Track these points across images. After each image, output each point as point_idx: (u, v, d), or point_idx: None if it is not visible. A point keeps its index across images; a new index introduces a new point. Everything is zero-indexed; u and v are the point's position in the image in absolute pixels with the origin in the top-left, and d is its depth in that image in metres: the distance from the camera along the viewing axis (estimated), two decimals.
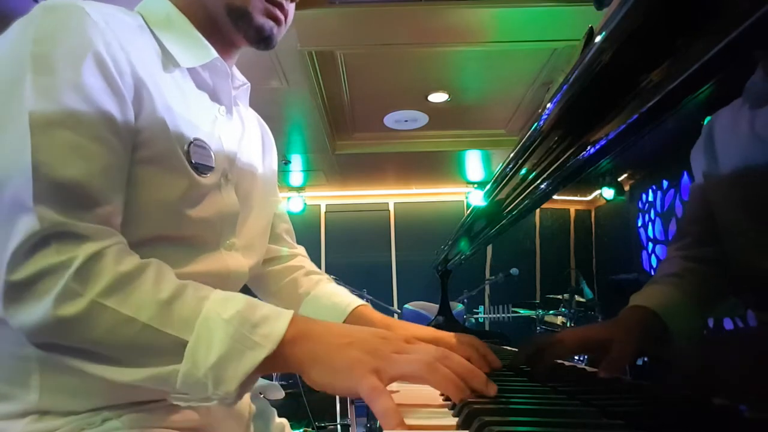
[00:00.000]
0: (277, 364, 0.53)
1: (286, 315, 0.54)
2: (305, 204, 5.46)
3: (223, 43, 0.74)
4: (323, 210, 5.77)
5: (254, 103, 0.90)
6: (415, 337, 0.78)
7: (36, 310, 0.50)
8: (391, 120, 4.03)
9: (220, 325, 0.52)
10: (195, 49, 0.70)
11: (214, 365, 0.50)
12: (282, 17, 0.74)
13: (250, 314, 0.53)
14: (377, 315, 0.88)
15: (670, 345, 0.48)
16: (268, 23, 0.72)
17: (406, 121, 4.05)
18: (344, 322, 0.87)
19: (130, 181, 0.60)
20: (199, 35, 0.71)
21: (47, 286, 0.50)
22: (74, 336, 0.52)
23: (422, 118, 4.01)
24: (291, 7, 0.76)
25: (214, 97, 0.75)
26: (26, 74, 0.53)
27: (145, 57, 0.63)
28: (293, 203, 5.36)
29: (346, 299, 0.90)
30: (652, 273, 0.52)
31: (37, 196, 0.51)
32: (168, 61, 0.67)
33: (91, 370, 0.53)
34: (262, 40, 0.73)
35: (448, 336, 0.80)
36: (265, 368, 0.52)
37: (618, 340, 0.57)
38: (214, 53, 0.71)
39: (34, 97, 0.52)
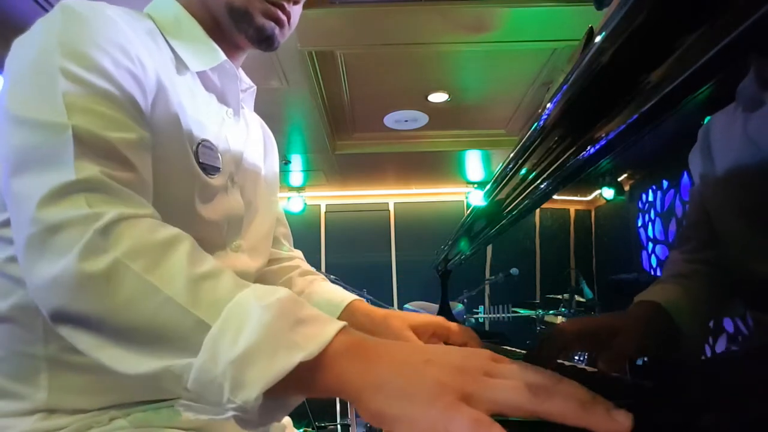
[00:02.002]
0: (319, 380, 0.40)
1: (338, 322, 0.43)
2: (305, 204, 5.46)
3: (228, 46, 0.75)
4: (323, 210, 5.77)
5: (254, 103, 0.90)
6: (413, 324, 0.76)
7: (57, 263, 0.45)
8: (391, 120, 4.03)
9: (255, 312, 0.41)
10: (204, 53, 0.71)
11: (236, 360, 0.39)
12: (284, 18, 0.74)
13: (294, 308, 0.43)
14: (373, 308, 0.85)
15: (675, 342, 0.48)
16: (269, 24, 0.72)
17: (406, 121, 4.04)
18: (339, 317, 0.84)
19: None
20: (208, 38, 0.72)
21: (72, 237, 0.45)
22: (92, 297, 0.44)
23: (422, 118, 4.01)
24: (294, 10, 0.76)
25: (222, 99, 0.76)
26: (54, 62, 0.53)
27: (160, 59, 0.64)
28: (293, 203, 5.36)
29: (341, 295, 0.88)
30: (652, 273, 0.52)
31: (79, 151, 0.48)
32: (179, 64, 0.68)
33: (99, 354, 0.45)
34: (264, 41, 0.73)
35: (445, 321, 0.78)
36: (300, 382, 0.40)
37: (624, 331, 0.56)
38: (222, 56, 0.72)
39: (67, 81, 0.52)
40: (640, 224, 0.53)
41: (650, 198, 0.51)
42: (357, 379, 0.40)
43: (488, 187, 0.94)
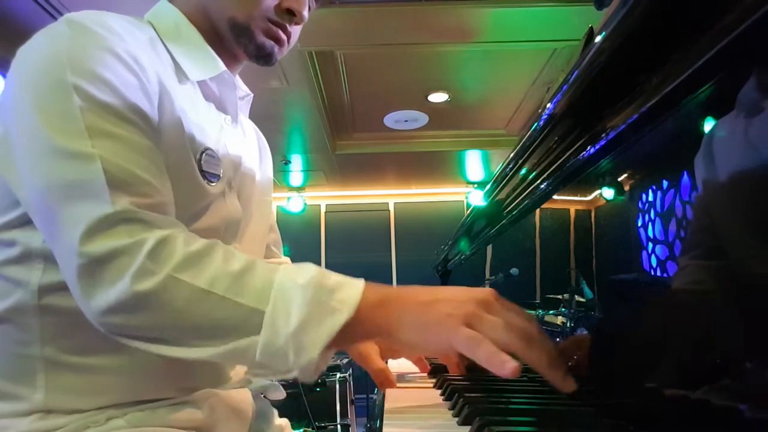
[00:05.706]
0: (358, 330, 0.52)
1: (360, 282, 0.54)
2: (305, 204, 5.45)
3: (227, 56, 0.75)
4: (323, 210, 5.77)
5: (254, 103, 0.90)
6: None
7: (114, 289, 0.51)
8: (391, 120, 4.03)
9: (297, 291, 0.51)
10: (204, 62, 0.71)
11: (294, 332, 0.50)
12: (284, 38, 0.75)
13: (324, 280, 0.53)
14: None
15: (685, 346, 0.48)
16: (269, 42, 0.73)
17: (406, 121, 4.04)
18: None
19: None
20: (208, 48, 0.72)
21: (122, 264, 0.51)
22: (151, 312, 0.51)
23: (422, 118, 4.01)
24: (295, 29, 0.76)
25: (221, 107, 0.77)
26: (67, 80, 0.54)
27: (162, 68, 0.65)
28: (293, 203, 5.36)
29: None
30: (652, 273, 0.52)
31: (110, 183, 0.53)
32: (179, 72, 0.68)
33: (165, 352, 0.52)
34: (262, 58, 0.74)
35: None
36: (345, 336, 0.51)
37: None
38: (222, 66, 0.73)
39: (81, 101, 0.54)
40: (640, 224, 0.53)
41: (650, 198, 0.51)
42: (386, 322, 0.52)
43: (488, 187, 0.94)
